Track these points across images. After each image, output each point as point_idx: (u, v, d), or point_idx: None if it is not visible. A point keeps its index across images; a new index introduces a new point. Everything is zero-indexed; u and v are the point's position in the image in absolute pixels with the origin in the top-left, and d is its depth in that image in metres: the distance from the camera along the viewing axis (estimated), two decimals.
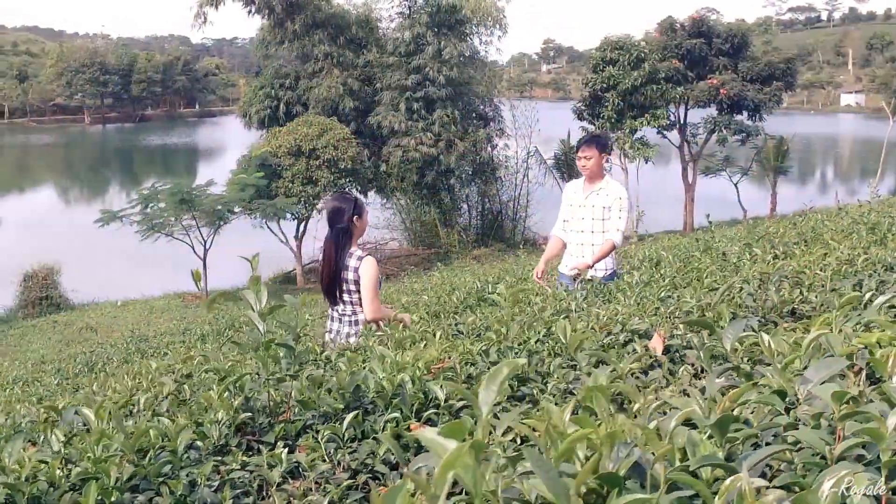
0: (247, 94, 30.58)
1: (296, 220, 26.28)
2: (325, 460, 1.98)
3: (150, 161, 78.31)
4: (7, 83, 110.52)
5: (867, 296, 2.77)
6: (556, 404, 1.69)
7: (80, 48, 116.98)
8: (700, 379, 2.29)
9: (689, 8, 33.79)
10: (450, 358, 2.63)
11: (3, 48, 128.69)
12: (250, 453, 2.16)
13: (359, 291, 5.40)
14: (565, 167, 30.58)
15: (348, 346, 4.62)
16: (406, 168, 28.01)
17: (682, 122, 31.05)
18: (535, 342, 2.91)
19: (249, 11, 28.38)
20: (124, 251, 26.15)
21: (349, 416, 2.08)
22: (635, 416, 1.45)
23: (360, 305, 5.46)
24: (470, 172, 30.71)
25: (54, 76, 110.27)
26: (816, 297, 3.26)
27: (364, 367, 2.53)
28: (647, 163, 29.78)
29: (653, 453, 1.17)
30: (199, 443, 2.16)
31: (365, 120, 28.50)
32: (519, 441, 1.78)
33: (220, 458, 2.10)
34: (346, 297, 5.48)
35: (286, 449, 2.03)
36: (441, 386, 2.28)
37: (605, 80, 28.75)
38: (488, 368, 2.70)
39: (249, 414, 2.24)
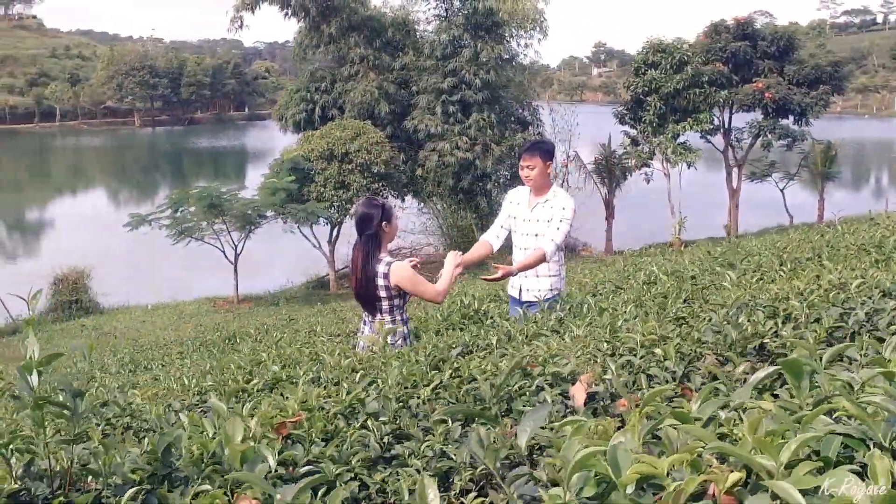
0: (283, 97, 30.45)
1: (329, 225, 26.02)
2: None
3: (200, 164, 78.73)
4: (59, 86, 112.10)
5: (740, 368, 2.26)
6: None
7: (131, 51, 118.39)
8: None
9: (745, 11, 33.02)
10: (302, 413, 2.20)
11: (57, 52, 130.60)
12: None
13: (389, 298, 5.35)
14: (605, 172, 29.96)
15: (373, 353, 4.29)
16: (442, 172, 27.63)
17: (726, 126, 30.28)
18: (434, 388, 2.44)
19: (286, 14, 28.24)
20: (164, 254, 26.02)
21: (129, 492, 1.67)
22: None
23: (390, 314, 5.40)
24: (508, 177, 30.23)
25: (105, 79, 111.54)
26: (788, 331, 2.78)
27: (198, 423, 2.12)
28: (689, 167, 29.08)
29: None
30: None
31: (401, 124, 28.21)
32: None
33: None
34: (376, 304, 5.41)
35: None
36: (275, 450, 1.86)
37: (646, 83, 28.14)
38: (365, 421, 2.26)
39: (18, 485, 1.83)
